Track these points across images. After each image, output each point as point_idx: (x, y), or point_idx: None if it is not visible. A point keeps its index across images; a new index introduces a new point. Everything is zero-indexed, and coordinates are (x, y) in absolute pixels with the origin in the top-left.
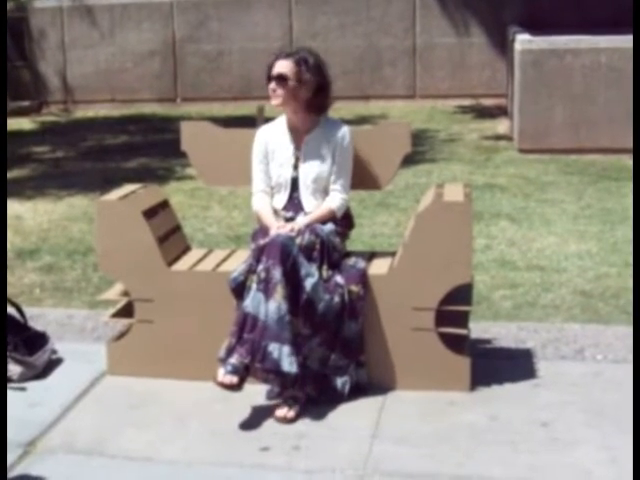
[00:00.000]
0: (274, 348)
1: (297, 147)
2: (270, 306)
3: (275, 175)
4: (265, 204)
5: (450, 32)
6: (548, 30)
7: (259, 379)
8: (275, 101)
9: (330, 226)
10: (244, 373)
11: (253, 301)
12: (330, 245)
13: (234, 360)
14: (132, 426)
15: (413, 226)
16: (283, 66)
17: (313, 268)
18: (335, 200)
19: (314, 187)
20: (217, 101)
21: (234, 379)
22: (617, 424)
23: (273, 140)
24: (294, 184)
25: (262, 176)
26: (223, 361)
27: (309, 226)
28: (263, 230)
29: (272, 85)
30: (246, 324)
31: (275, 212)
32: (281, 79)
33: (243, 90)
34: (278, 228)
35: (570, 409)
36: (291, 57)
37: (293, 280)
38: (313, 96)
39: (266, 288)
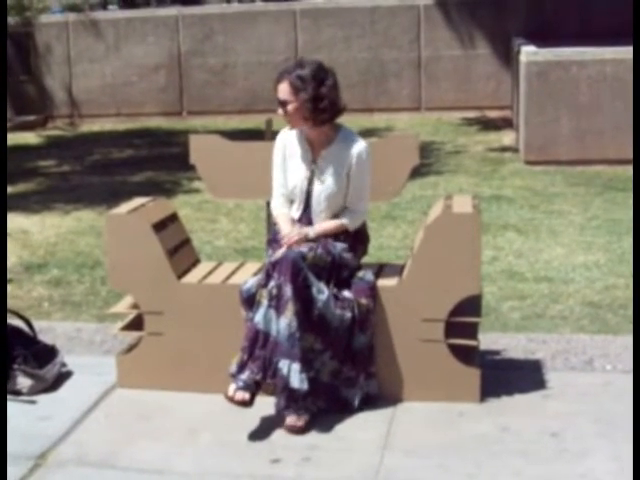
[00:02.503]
0: (284, 364)
1: (313, 160)
2: (281, 323)
3: (291, 184)
4: (284, 210)
5: (455, 44)
6: (552, 41)
7: (268, 393)
8: (288, 125)
9: (343, 243)
10: (255, 389)
11: (264, 318)
12: (342, 263)
13: (245, 376)
14: (143, 438)
15: (422, 238)
16: (281, 90)
17: (322, 285)
18: (347, 216)
19: (326, 204)
20: (222, 114)
21: (246, 395)
22: (627, 434)
23: (291, 146)
24: (308, 198)
25: (282, 180)
26: (234, 377)
27: (319, 237)
28: (279, 239)
29: (280, 111)
30: (257, 340)
31: (292, 220)
32: (283, 104)
33: (248, 103)
34: (286, 236)
35: (580, 419)
36: (286, 78)
37: (304, 296)
38: (317, 108)
39: (278, 305)
